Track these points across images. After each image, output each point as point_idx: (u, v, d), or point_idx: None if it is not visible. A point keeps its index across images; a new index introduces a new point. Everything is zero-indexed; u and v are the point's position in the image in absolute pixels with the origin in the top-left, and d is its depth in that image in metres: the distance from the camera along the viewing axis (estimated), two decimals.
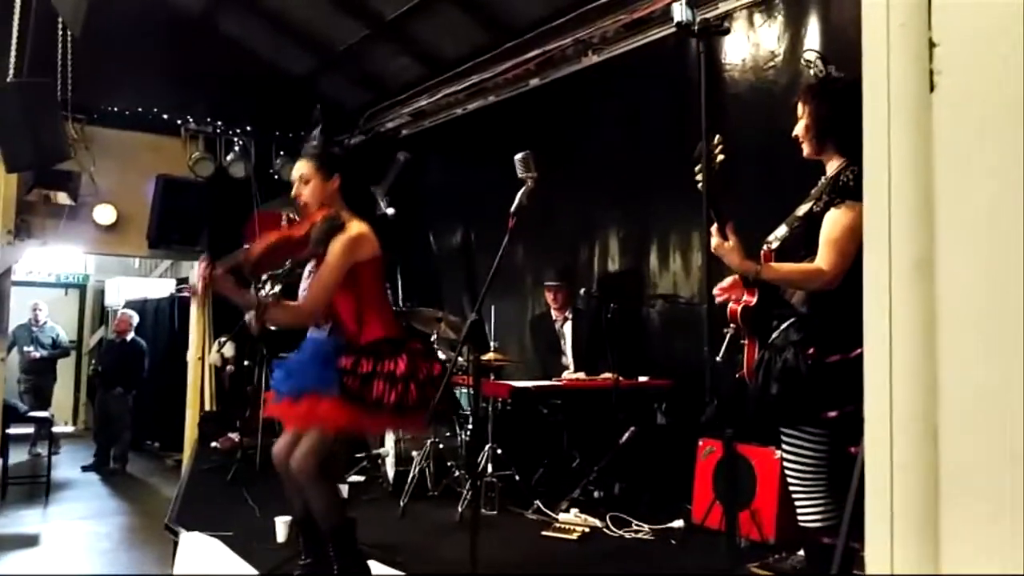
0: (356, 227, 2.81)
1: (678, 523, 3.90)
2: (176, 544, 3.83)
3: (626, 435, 4.43)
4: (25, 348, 8.78)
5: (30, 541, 5.89)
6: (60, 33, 5.35)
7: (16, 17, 5.04)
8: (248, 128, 7.19)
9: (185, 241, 6.97)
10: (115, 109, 6.92)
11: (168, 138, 7.19)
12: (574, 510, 4.16)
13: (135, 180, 6.94)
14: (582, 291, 5.21)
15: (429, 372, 2.83)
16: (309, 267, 2.89)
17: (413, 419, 2.91)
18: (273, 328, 3.04)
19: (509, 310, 5.94)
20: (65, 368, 9.96)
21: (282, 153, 7.25)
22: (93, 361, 9.32)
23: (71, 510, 6.89)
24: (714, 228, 2.50)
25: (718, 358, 2.52)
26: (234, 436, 6.16)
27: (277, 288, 2.81)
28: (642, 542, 3.80)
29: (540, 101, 5.78)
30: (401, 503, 4.37)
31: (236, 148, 7.14)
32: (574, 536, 3.83)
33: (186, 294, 8.48)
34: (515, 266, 5.95)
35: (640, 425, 4.51)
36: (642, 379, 4.74)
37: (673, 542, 3.73)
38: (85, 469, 8.35)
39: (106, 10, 5.02)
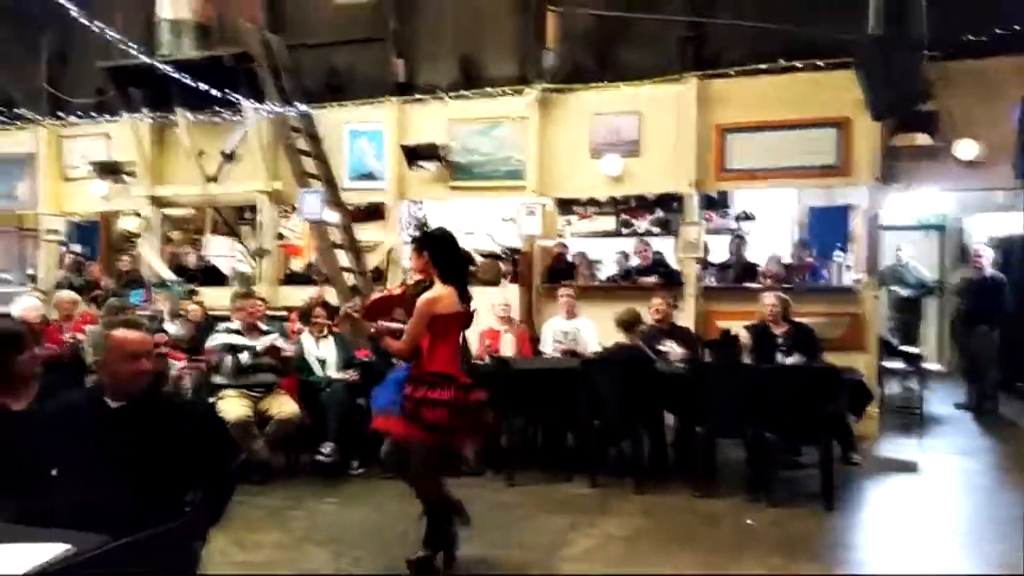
0: (438, 289, 3.81)
1: None
2: None
3: None
4: (891, 287, 9.34)
5: (908, 467, 6.29)
6: None
7: None
8: None
9: None
10: (971, 39, 6.66)
11: None
12: None
13: (997, 108, 6.57)
14: None
15: (467, 400, 3.82)
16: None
17: (459, 437, 4.24)
18: None
19: None
20: (930, 308, 10.18)
21: None
22: (957, 300, 9.26)
23: (944, 444, 7.06)
24: None
25: None
26: None
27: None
28: None
29: None
30: None
31: None
32: None
33: None
34: None
35: None
36: None
37: None
38: (958, 407, 8.40)
39: None
